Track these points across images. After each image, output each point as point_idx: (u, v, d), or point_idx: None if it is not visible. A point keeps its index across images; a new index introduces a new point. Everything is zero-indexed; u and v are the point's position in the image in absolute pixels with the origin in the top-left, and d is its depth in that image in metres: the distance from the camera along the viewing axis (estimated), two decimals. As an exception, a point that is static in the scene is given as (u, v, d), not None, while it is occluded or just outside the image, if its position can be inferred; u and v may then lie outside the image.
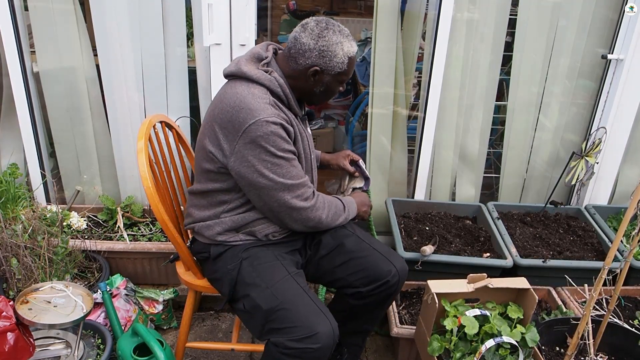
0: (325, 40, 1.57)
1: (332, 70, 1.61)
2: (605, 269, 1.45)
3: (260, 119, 1.52)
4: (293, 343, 1.49)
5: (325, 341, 1.50)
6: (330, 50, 1.57)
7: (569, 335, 1.91)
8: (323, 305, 1.58)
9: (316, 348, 1.49)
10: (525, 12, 2.38)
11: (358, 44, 3.82)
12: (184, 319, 1.90)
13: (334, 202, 1.75)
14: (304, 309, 1.54)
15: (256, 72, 1.60)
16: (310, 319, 1.52)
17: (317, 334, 1.49)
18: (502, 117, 2.73)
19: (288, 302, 1.55)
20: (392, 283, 1.73)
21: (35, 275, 2.01)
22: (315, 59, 1.58)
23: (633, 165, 2.64)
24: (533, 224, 2.51)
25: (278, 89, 1.60)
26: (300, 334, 1.49)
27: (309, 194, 1.64)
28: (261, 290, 1.59)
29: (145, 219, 2.54)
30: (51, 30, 2.30)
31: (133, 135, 2.43)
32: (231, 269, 1.67)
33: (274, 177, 1.57)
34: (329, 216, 1.70)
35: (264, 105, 1.55)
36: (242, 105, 1.55)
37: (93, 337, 1.92)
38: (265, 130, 1.52)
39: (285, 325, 1.52)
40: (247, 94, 1.57)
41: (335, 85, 1.67)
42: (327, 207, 1.70)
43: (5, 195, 2.31)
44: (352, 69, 1.65)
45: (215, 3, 2.12)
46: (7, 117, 2.55)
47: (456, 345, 1.70)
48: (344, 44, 1.59)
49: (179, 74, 2.40)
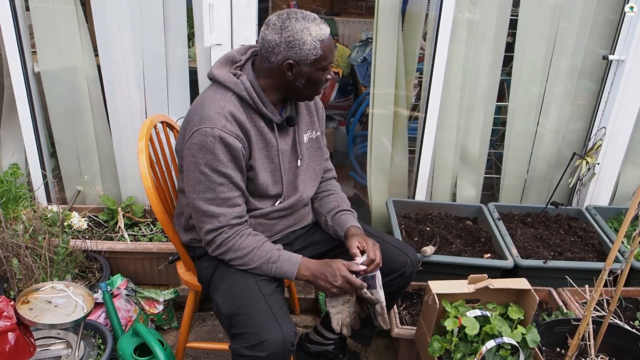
0: (289, 31, 1.48)
1: (306, 59, 1.51)
2: (606, 269, 1.45)
3: (203, 127, 1.50)
4: (245, 350, 1.46)
5: (274, 348, 1.44)
6: (297, 39, 1.48)
7: (570, 336, 1.91)
8: (282, 310, 1.53)
9: (263, 356, 1.44)
10: (526, 12, 2.38)
11: (359, 45, 3.82)
12: (184, 319, 1.90)
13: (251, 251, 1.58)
14: (258, 315, 1.49)
15: (223, 76, 1.57)
16: (261, 325, 1.47)
17: (264, 341, 1.44)
18: (503, 118, 2.73)
19: (244, 307, 1.52)
20: (407, 273, 1.75)
21: (36, 275, 2.01)
22: (285, 52, 1.50)
23: (634, 166, 2.64)
24: (534, 224, 2.51)
25: (243, 93, 1.55)
26: (252, 340, 1.45)
27: (212, 227, 1.56)
28: (225, 294, 1.58)
29: (146, 219, 2.54)
30: (52, 31, 2.30)
31: (134, 135, 2.44)
32: (206, 267, 1.68)
33: (191, 189, 1.56)
34: (225, 257, 1.60)
35: (215, 115, 1.51)
36: (198, 110, 1.54)
37: (94, 337, 1.92)
38: (203, 141, 1.49)
39: (242, 330, 1.49)
40: (207, 99, 1.55)
41: (317, 74, 1.55)
42: (231, 251, 1.58)
43: (7, 195, 2.31)
44: (330, 53, 1.54)
45: (216, 3, 2.12)
46: (8, 117, 2.55)
47: (457, 346, 1.70)
48: (310, 29, 1.49)
49: (180, 74, 2.40)
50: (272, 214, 1.70)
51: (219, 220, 1.56)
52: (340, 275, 1.56)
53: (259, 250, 1.58)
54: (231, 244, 1.57)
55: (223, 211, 1.55)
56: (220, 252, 1.59)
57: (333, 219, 1.78)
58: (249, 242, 1.58)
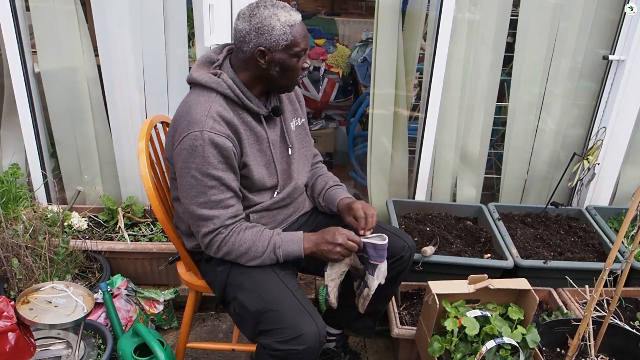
0: (258, 18, 1.50)
1: (277, 45, 1.51)
2: (606, 270, 1.45)
3: (193, 131, 1.50)
4: (279, 345, 1.49)
5: (311, 342, 1.48)
6: (265, 25, 1.49)
7: (570, 336, 1.91)
8: (311, 305, 1.57)
9: (301, 349, 1.48)
10: (527, 13, 2.38)
11: (359, 45, 3.82)
12: (184, 319, 1.90)
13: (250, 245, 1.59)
14: (290, 310, 1.53)
15: (204, 77, 1.57)
16: (296, 319, 1.50)
17: (302, 334, 1.48)
18: (503, 118, 2.73)
19: (274, 303, 1.54)
20: (405, 258, 1.78)
21: (36, 275, 2.01)
22: (255, 39, 1.51)
23: (634, 166, 2.64)
24: (534, 224, 2.51)
25: (227, 91, 1.55)
26: (286, 335, 1.49)
27: (208, 230, 1.57)
28: (249, 292, 1.59)
29: (146, 219, 2.54)
30: (52, 31, 2.30)
31: (134, 135, 2.44)
32: (221, 271, 1.67)
33: (185, 194, 1.56)
34: (227, 257, 1.61)
35: (203, 118, 1.51)
36: (185, 116, 1.54)
37: (94, 337, 1.92)
38: (193, 145, 1.50)
39: (273, 326, 1.52)
40: (192, 104, 1.55)
41: (291, 62, 1.55)
42: (231, 251, 1.59)
43: (7, 195, 2.31)
44: (302, 38, 1.54)
45: (216, 3, 2.12)
46: (9, 117, 2.55)
47: (457, 346, 1.70)
48: (278, 14, 1.50)
49: (180, 74, 2.40)
50: (272, 205, 1.71)
51: (213, 223, 1.56)
52: (340, 234, 1.59)
53: (259, 240, 1.60)
54: (230, 242, 1.58)
55: (216, 213, 1.56)
56: (223, 253, 1.60)
57: (324, 198, 1.83)
58: (247, 236, 1.59)
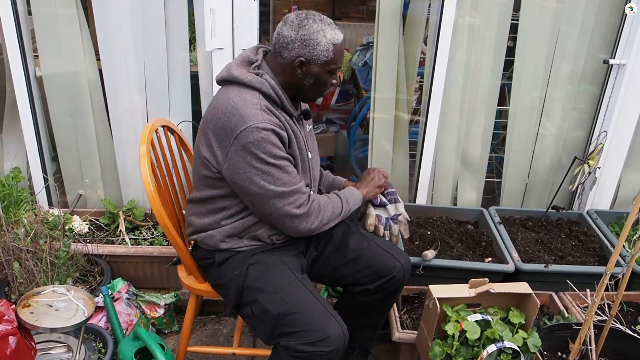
0: (306, 29, 1.55)
1: (317, 60, 1.58)
2: (608, 274, 1.45)
3: (251, 125, 1.51)
4: (305, 347, 1.51)
5: (337, 344, 1.52)
6: (312, 39, 1.55)
7: (571, 340, 1.90)
8: (332, 308, 1.60)
9: (328, 351, 1.51)
10: (527, 17, 2.39)
11: (360, 49, 3.83)
12: (185, 323, 1.90)
13: (329, 203, 1.70)
14: (315, 313, 1.55)
15: (247, 76, 1.59)
16: (322, 322, 1.53)
17: (329, 336, 1.51)
18: (504, 122, 2.73)
19: (298, 306, 1.56)
20: (397, 278, 1.78)
21: (37, 279, 2.01)
22: (298, 49, 1.56)
23: (635, 170, 2.63)
24: (535, 228, 2.50)
25: (270, 91, 1.59)
26: (312, 337, 1.51)
27: (302, 201, 1.62)
28: (270, 295, 1.60)
29: (147, 223, 2.54)
30: (54, 35, 2.31)
31: (135, 139, 2.44)
32: (238, 274, 1.67)
33: (265, 185, 1.56)
34: (323, 220, 1.67)
35: (255, 111, 1.53)
36: (234, 112, 1.54)
37: (94, 341, 1.92)
38: (256, 137, 1.51)
39: (297, 329, 1.53)
40: (238, 100, 1.56)
41: (325, 76, 1.62)
42: (322, 211, 1.67)
43: (8, 199, 2.31)
44: (340, 57, 1.62)
45: (217, 8, 2.13)
46: (10, 121, 2.55)
47: (458, 350, 1.70)
48: (325, 31, 1.56)
49: (182, 78, 2.41)
50: None
51: (302, 192, 1.62)
52: (377, 171, 1.89)
53: (330, 200, 1.71)
54: (322, 205, 1.67)
55: (300, 184, 1.62)
56: (323, 216, 1.66)
57: (325, 186, 1.92)
58: (322, 198, 1.70)
